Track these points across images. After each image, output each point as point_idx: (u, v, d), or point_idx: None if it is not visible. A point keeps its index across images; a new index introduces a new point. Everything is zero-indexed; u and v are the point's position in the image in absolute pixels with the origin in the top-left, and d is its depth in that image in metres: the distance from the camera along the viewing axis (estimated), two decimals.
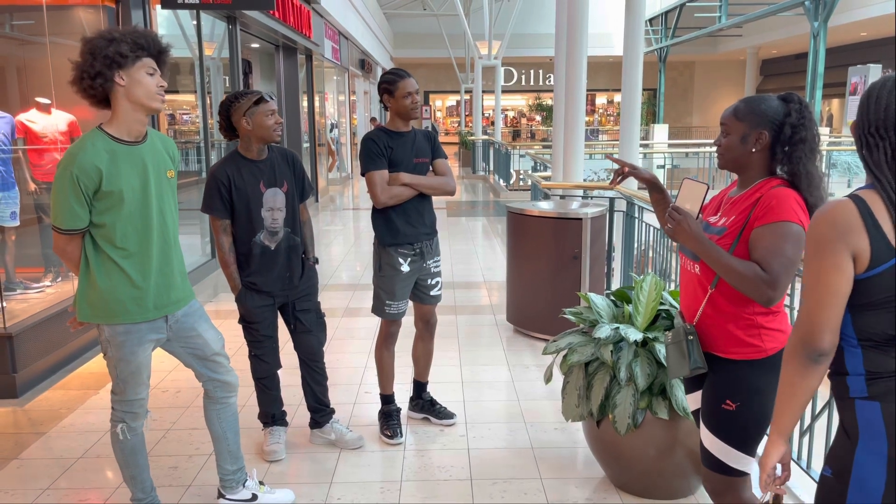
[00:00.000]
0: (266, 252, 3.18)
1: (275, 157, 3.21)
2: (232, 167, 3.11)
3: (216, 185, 3.08)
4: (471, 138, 20.64)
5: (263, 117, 3.08)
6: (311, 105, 13.15)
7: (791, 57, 25.96)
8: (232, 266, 3.18)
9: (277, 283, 3.23)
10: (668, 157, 14.91)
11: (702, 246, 1.98)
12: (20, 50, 5.86)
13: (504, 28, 20.85)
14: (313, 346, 3.40)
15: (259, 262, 3.18)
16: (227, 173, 3.09)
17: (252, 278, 3.20)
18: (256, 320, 3.25)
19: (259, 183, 3.13)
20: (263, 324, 3.27)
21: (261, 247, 3.16)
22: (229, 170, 3.10)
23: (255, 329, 3.27)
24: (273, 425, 3.44)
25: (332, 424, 3.51)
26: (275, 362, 3.36)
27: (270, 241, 3.18)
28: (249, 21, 8.38)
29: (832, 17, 13.66)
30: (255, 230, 3.14)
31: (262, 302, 3.23)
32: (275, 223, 3.17)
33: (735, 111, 2.08)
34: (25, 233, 5.40)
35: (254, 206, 3.12)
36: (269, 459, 3.33)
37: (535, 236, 5.02)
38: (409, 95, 3.29)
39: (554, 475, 3.19)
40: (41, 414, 3.91)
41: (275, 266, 3.20)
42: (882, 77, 1.51)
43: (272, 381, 3.39)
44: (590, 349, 2.97)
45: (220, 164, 3.13)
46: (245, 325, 3.29)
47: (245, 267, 3.20)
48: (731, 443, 2.08)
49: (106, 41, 2.35)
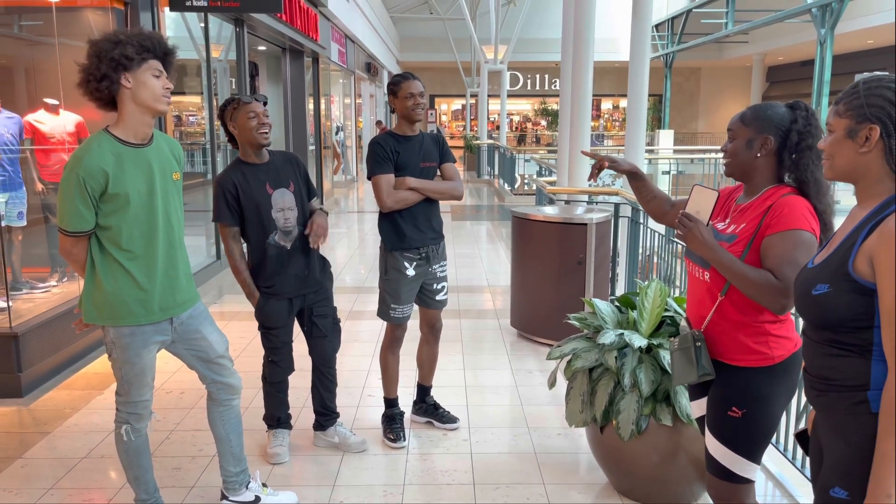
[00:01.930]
0: (282, 252, 3.17)
1: (276, 160, 3.22)
2: (237, 174, 3.12)
3: (222, 192, 3.10)
4: (476, 142, 20.66)
5: (245, 119, 3.07)
6: (318, 108, 13.18)
7: (797, 64, 25.92)
8: (244, 273, 3.18)
9: (295, 283, 3.22)
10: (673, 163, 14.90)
11: (713, 253, 1.98)
12: (29, 50, 5.89)
13: (510, 32, 20.88)
14: (327, 351, 3.41)
15: (275, 263, 3.17)
16: (232, 180, 3.10)
17: (270, 281, 3.19)
18: (276, 326, 3.24)
19: (265, 185, 3.13)
20: (283, 329, 3.27)
21: (276, 247, 3.16)
22: (234, 177, 3.11)
23: (273, 336, 3.27)
24: (277, 428, 3.45)
25: (335, 427, 3.52)
26: (289, 367, 3.37)
27: (285, 241, 3.17)
28: (256, 23, 8.41)
29: (839, 24, 13.64)
30: (268, 232, 3.14)
31: (281, 308, 3.23)
32: (287, 223, 3.17)
33: (742, 117, 2.10)
34: (32, 233, 5.42)
35: (264, 209, 3.12)
36: (272, 462, 3.34)
37: (539, 241, 5.02)
38: (410, 96, 3.30)
39: (557, 481, 3.19)
40: (46, 413, 3.92)
41: (291, 265, 3.20)
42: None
43: (282, 385, 3.41)
44: (594, 355, 2.97)
45: (225, 172, 3.14)
46: (264, 331, 3.28)
47: (261, 271, 3.19)
48: (736, 450, 2.08)
49: (112, 44, 2.36)
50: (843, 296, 1.50)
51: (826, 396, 1.58)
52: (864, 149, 1.53)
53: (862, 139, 1.53)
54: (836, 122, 1.58)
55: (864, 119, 1.53)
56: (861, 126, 1.53)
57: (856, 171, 1.57)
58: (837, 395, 1.55)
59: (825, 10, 13.60)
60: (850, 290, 1.49)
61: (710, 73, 32.01)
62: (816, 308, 1.55)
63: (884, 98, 1.52)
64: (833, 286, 1.52)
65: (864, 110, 1.53)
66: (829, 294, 1.52)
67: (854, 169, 1.57)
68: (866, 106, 1.53)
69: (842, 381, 1.54)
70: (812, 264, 1.63)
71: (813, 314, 1.57)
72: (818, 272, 1.58)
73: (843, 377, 1.54)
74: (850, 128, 1.55)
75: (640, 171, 2.43)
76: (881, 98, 1.52)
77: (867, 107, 1.53)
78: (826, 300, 1.53)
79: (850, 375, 1.52)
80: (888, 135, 1.51)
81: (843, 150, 1.57)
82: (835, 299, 1.51)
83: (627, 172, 2.41)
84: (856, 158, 1.55)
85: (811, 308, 1.57)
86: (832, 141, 1.59)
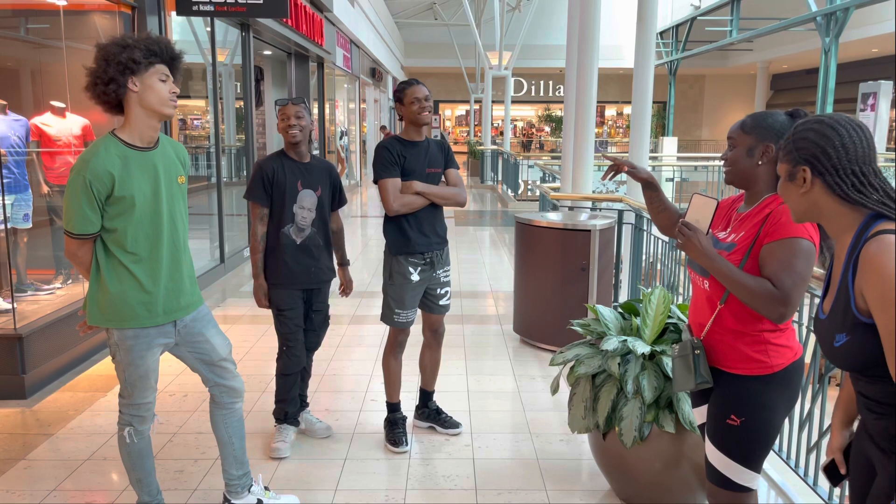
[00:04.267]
0: (293, 245, 3.38)
1: (315, 164, 3.47)
2: (277, 163, 3.37)
3: (261, 175, 3.33)
4: (480, 148, 20.68)
5: (279, 120, 3.40)
6: (322, 112, 13.21)
7: (802, 72, 25.92)
8: (259, 254, 3.37)
9: (303, 275, 3.41)
10: (677, 171, 14.89)
11: (712, 262, 1.98)
12: (36, 54, 5.92)
13: (515, 39, 20.91)
14: (313, 343, 3.61)
15: (286, 252, 3.37)
16: (272, 166, 3.35)
17: (280, 269, 3.38)
18: (288, 307, 3.41)
19: (297, 182, 3.37)
20: (295, 311, 3.43)
21: (289, 238, 3.37)
22: (274, 163, 3.36)
23: (287, 318, 3.42)
24: (285, 423, 3.53)
25: (303, 414, 3.68)
26: (303, 356, 3.51)
27: (297, 236, 3.39)
28: (262, 28, 8.45)
29: (843, 32, 13.63)
30: (285, 222, 3.36)
31: (290, 293, 3.41)
32: (304, 221, 3.40)
33: (742, 125, 2.09)
34: (37, 235, 5.44)
35: (288, 201, 3.35)
36: (273, 456, 3.39)
37: (543, 247, 5.02)
38: (415, 101, 3.34)
39: (559, 487, 3.19)
40: (49, 415, 3.93)
41: (301, 258, 3.40)
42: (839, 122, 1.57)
43: (296, 379, 3.53)
44: (597, 361, 2.97)
45: (268, 158, 3.40)
46: (278, 313, 3.43)
47: (272, 258, 3.38)
48: (735, 458, 2.07)
49: (119, 48, 2.38)
50: (864, 339, 1.49)
51: (884, 420, 1.55)
52: (804, 189, 1.59)
53: (800, 181, 1.59)
54: (779, 167, 1.66)
55: (797, 162, 1.60)
56: (796, 169, 1.60)
57: (810, 212, 1.62)
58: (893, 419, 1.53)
59: (830, 18, 13.60)
60: (867, 332, 1.48)
61: (714, 81, 32.02)
62: (845, 359, 1.55)
63: (807, 140, 1.58)
64: (850, 334, 1.51)
65: (794, 154, 1.60)
66: (851, 342, 1.51)
67: (807, 209, 1.62)
68: (794, 150, 1.60)
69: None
70: (823, 315, 1.62)
71: (844, 364, 1.56)
72: (832, 322, 1.57)
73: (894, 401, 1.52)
74: (788, 172, 1.62)
75: (656, 182, 2.43)
76: (806, 140, 1.58)
77: (796, 150, 1.60)
78: (849, 349, 1.52)
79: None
80: (820, 173, 1.56)
81: (789, 194, 1.64)
82: (858, 346, 1.50)
83: (643, 181, 2.41)
84: (801, 200, 1.61)
85: (839, 360, 1.56)
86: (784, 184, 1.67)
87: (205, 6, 6.12)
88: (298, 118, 3.34)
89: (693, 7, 21.43)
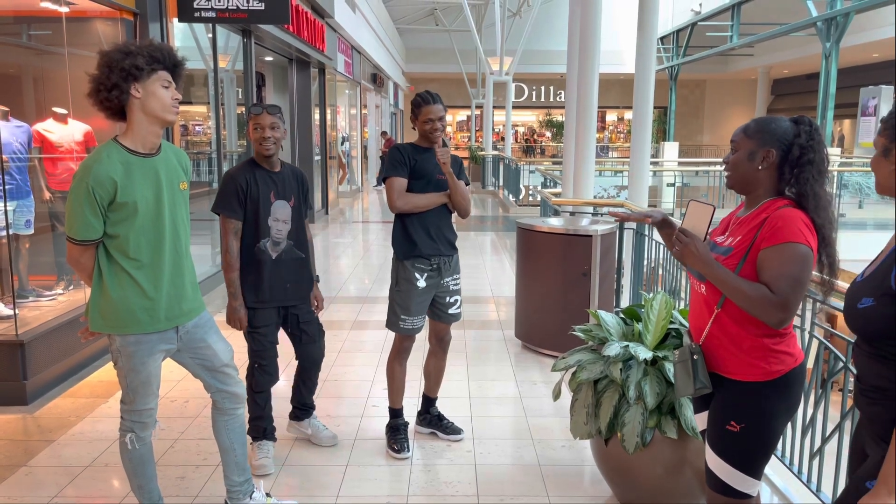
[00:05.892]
0: (268, 260, 3.25)
1: (287, 172, 3.32)
2: (249, 174, 3.21)
3: (234, 186, 3.18)
4: (481, 153, 20.70)
5: (251, 129, 3.21)
6: (323, 118, 13.23)
7: (802, 77, 25.93)
8: (235, 272, 3.21)
9: (279, 292, 3.30)
10: (678, 175, 14.90)
11: (709, 268, 1.97)
12: (38, 60, 5.94)
13: (516, 44, 20.96)
14: (316, 355, 3.52)
15: (263, 268, 3.25)
16: (245, 177, 3.19)
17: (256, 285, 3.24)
18: (263, 324, 3.29)
19: (270, 193, 3.23)
20: (270, 329, 3.32)
21: (265, 254, 3.25)
22: (246, 174, 3.20)
23: (261, 336, 3.30)
24: (263, 439, 3.43)
25: (310, 420, 3.63)
26: (276, 374, 3.40)
27: (273, 251, 3.27)
28: (264, 34, 8.47)
29: (844, 37, 13.66)
30: (260, 236, 3.23)
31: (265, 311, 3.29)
32: (279, 234, 3.26)
33: (745, 129, 2.10)
34: (39, 241, 5.44)
35: (262, 214, 3.21)
36: (257, 474, 3.28)
37: (544, 252, 5.02)
38: (429, 121, 3.35)
39: (561, 493, 3.18)
40: (50, 421, 3.93)
41: (278, 273, 3.28)
42: None
43: (267, 396, 3.40)
44: (599, 367, 2.96)
45: (238, 168, 3.24)
46: (252, 330, 3.30)
47: (248, 275, 3.24)
48: (735, 464, 2.07)
49: (122, 54, 2.39)
50: (886, 309, 1.54)
51: (877, 406, 1.61)
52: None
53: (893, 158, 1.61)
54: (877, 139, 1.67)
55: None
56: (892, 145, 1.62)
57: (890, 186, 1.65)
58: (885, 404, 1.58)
59: (830, 23, 13.63)
60: (892, 304, 1.53)
61: (715, 86, 32.04)
62: (861, 320, 1.60)
63: None
64: (877, 300, 1.56)
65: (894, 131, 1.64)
66: (874, 307, 1.56)
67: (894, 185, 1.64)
68: None
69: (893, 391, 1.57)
70: (861, 277, 1.66)
71: (858, 326, 1.62)
72: (864, 286, 1.62)
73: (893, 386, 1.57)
74: (885, 146, 1.63)
75: (670, 219, 2.45)
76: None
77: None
78: (870, 313, 1.57)
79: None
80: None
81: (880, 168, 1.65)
82: (879, 312, 1.56)
83: (659, 223, 2.42)
84: (890, 176, 1.62)
85: (857, 320, 1.61)
86: None
87: (207, 13, 6.14)
88: (273, 129, 3.17)
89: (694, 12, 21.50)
